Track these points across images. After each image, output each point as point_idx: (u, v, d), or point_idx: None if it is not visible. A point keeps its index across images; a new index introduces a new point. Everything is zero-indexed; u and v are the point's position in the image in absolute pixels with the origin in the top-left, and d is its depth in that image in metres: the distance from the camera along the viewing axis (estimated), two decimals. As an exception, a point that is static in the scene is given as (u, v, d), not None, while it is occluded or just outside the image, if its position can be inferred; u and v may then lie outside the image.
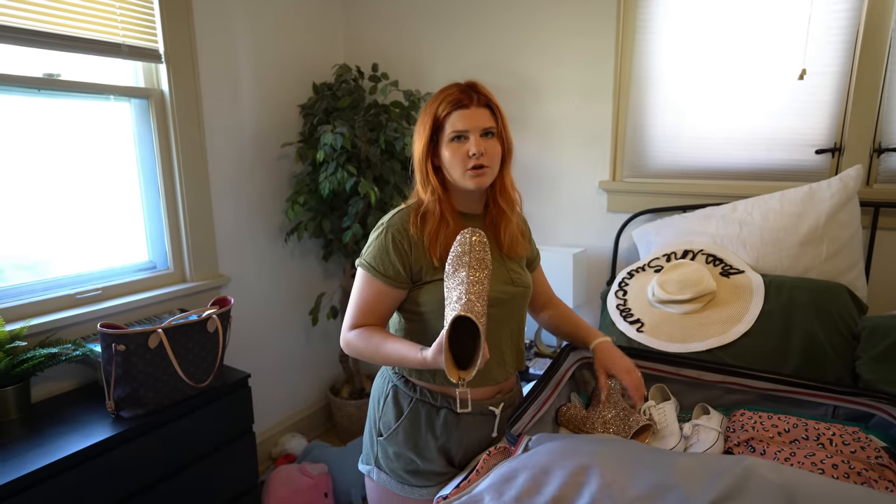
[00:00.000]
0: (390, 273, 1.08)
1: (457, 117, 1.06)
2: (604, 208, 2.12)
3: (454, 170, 1.08)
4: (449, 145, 1.07)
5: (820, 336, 1.37)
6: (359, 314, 1.11)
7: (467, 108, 1.07)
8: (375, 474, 1.19)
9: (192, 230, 1.96)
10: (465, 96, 1.08)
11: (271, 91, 2.24)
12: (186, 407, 1.54)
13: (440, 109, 1.08)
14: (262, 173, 2.26)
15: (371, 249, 1.11)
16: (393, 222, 1.10)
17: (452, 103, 1.07)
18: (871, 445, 1.02)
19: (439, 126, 1.08)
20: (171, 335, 1.45)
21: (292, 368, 2.51)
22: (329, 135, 2.04)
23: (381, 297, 1.10)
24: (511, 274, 1.16)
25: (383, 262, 1.08)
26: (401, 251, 1.08)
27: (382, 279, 1.09)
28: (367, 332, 1.09)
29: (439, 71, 2.37)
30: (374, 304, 1.11)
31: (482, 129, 1.07)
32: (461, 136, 1.07)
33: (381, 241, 1.09)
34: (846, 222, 1.56)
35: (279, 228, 2.36)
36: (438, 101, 1.09)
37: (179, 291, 1.91)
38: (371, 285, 1.10)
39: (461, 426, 1.14)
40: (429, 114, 1.10)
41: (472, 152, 1.05)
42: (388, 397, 1.17)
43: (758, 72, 1.77)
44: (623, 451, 0.71)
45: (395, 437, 1.15)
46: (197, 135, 1.93)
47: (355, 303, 1.12)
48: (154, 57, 1.79)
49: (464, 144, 1.06)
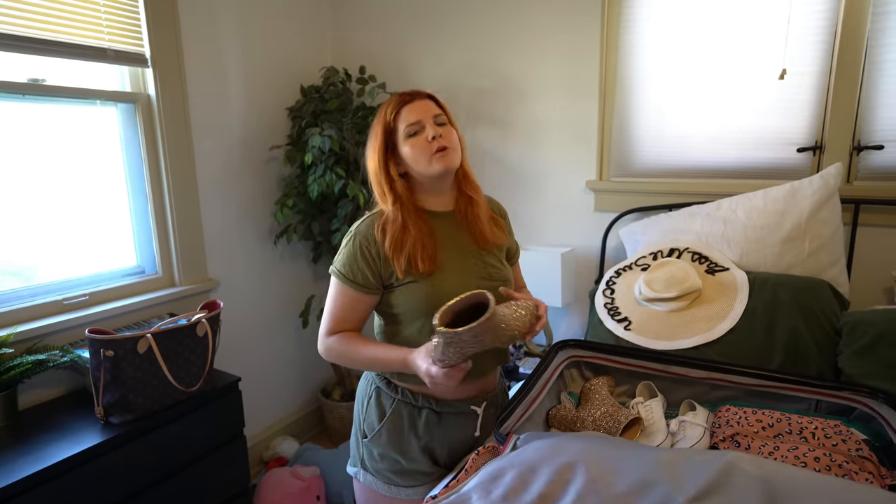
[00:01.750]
0: (359, 280, 1.10)
1: (406, 112, 1.09)
2: (591, 208, 2.14)
3: (419, 162, 1.09)
4: (408, 141, 1.09)
5: (803, 332, 1.39)
6: (334, 320, 1.13)
7: (413, 102, 1.10)
8: (362, 476, 1.20)
9: (180, 234, 1.95)
10: (407, 95, 1.12)
11: (259, 94, 2.24)
12: (176, 412, 1.53)
13: (388, 113, 1.11)
14: (251, 176, 2.25)
15: (341, 257, 1.12)
16: (360, 230, 1.12)
17: (398, 103, 1.11)
18: (851, 438, 1.04)
19: (392, 129, 1.11)
20: (160, 340, 1.45)
21: (283, 371, 2.50)
22: (317, 137, 2.04)
23: (353, 303, 1.12)
24: (488, 268, 1.16)
25: (353, 270, 1.10)
26: (368, 258, 1.09)
27: (353, 286, 1.10)
28: (345, 337, 1.12)
29: (426, 72, 2.38)
30: (348, 310, 1.12)
31: (433, 116, 1.10)
32: (416, 128, 1.09)
33: (350, 249, 1.11)
34: (827, 219, 1.59)
35: (268, 231, 2.36)
36: (384, 110, 1.12)
37: (168, 296, 1.91)
38: (343, 292, 1.12)
39: (443, 425, 1.15)
40: (378, 123, 1.13)
41: (430, 136, 1.07)
42: (371, 399, 1.18)
43: (740, 72, 1.80)
44: (608, 447, 0.72)
45: (378, 438, 1.16)
46: (184, 138, 1.93)
47: (330, 310, 1.13)
48: (140, 61, 1.78)
49: (421, 136, 1.09)
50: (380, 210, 1.14)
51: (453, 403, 1.15)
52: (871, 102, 1.64)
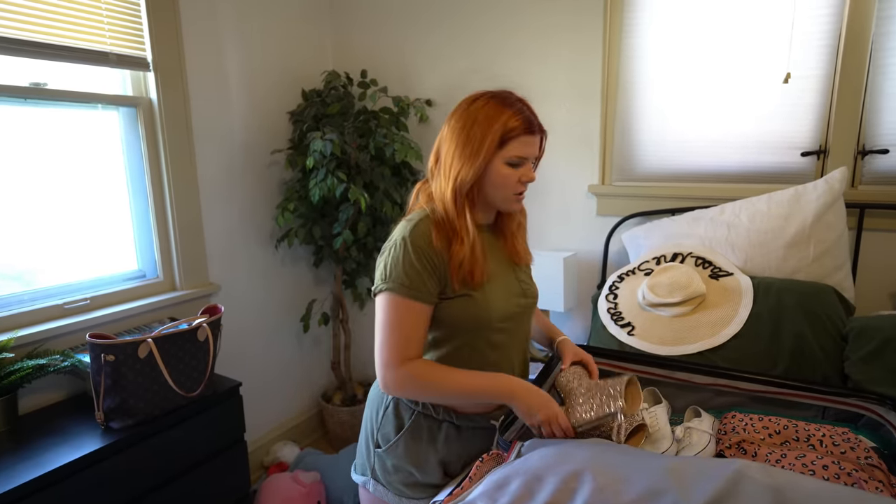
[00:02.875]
0: (424, 290, 1.00)
1: (523, 143, 1.02)
2: (593, 212, 2.14)
3: (499, 191, 1.04)
4: (504, 167, 1.02)
5: (809, 337, 1.38)
6: (402, 345, 1.00)
7: (533, 136, 1.04)
8: (372, 486, 1.17)
9: (181, 238, 1.95)
10: (533, 123, 1.04)
11: (261, 98, 2.24)
12: (177, 417, 1.52)
13: (510, 128, 1.01)
14: (252, 180, 2.25)
15: (396, 269, 1.00)
16: (414, 236, 1.01)
17: (524, 127, 1.02)
18: (860, 446, 1.03)
19: (502, 144, 1.02)
20: (160, 345, 1.44)
21: (284, 376, 2.49)
22: (319, 141, 2.04)
23: (419, 319, 1.01)
24: (522, 285, 1.15)
25: (413, 280, 0.99)
26: (429, 266, 1.01)
27: (417, 298, 1.00)
28: (425, 365, 1.01)
29: (427, 76, 2.38)
30: (415, 329, 1.01)
31: (535, 158, 1.07)
32: (519, 162, 1.03)
33: (406, 257, 1.00)
34: (832, 224, 1.58)
35: (269, 235, 2.35)
36: (502, 119, 1.01)
37: (169, 300, 1.90)
38: (407, 308, 1.00)
39: (462, 439, 1.13)
40: (494, 133, 1.01)
41: (525, 179, 1.04)
42: (389, 409, 1.14)
43: (744, 76, 1.80)
44: (615, 454, 0.71)
45: (394, 449, 1.12)
46: (186, 143, 1.92)
47: (393, 334, 1.00)
48: (142, 65, 1.78)
49: (518, 169, 1.03)
50: (424, 216, 1.05)
51: (474, 417, 1.12)
52: (876, 106, 1.63)
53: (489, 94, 1.05)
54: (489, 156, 1.01)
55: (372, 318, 2.74)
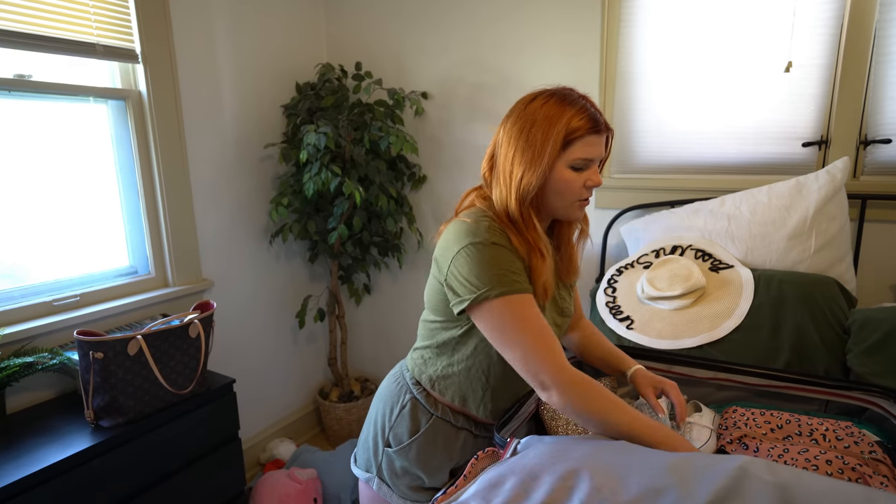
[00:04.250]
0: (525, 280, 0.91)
1: (588, 143, 0.92)
2: (591, 205, 2.11)
3: (563, 197, 0.95)
4: (567, 171, 0.93)
5: (810, 330, 1.36)
6: (551, 347, 0.87)
7: (600, 135, 0.94)
8: (376, 484, 1.13)
9: (173, 234, 1.92)
10: (598, 122, 0.93)
11: (253, 91, 2.20)
12: (169, 415, 1.50)
13: (574, 126, 0.91)
14: (245, 175, 2.21)
15: (491, 269, 0.89)
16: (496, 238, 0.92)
17: (589, 126, 0.92)
18: (864, 440, 1.00)
19: (566, 144, 0.92)
20: (151, 341, 1.41)
21: (280, 372, 2.47)
22: (312, 134, 2.00)
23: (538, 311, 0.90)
24: (562, 303, 1.09)
25: (518, 273, 0.90)
26: (517, 258, 0.92)
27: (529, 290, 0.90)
28: (594, 384, 0.87)
29: (424, 68, 2.35)
30: (544, 321, 0.90)
31: (600, 160, 0.97)
32: (584, 165, 0.93)
33: (502, 256, 0.90)
34: (834, 215, 1.55)
35: (264, 230, 2.33)
36: (565, 118, 0.91)
37: (161, 296, 1.87)
38: (531, 303, 0.89)
39: (477, 447, 1.10)
40: (556, 134, 0.91)
41: (591, 184, 0.94)
42: (406, 409, 1.08)
43: (744, 65, 1.77)
44: (613, 452, 0.69)
45: (406, 452, 1.08)
46: (177, 136, 1.89)
47: (537, 334, 0.87)
48: (130, 57, 1.74)
49: (582, 174, 0.94)
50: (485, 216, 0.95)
51: (492, 428, 1.09)
52: (879, 95, 1.61)
53: (548, 93, 0.96)
54: (552, 160, 0.92)
55: (369, 313, 2.71)
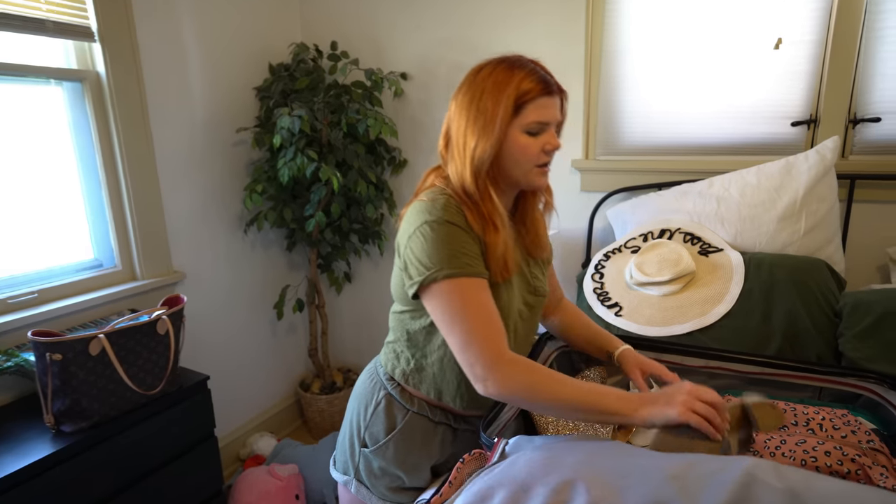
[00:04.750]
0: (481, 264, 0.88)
1: (541, 106, 0.88)
2: (577, 188, 2.06)
3: (521, 165, 0.91)
4: (522, 136, 0.89)
5: (802, 313, 1.33)
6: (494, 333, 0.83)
7: (552, 97, 0.90)
8: (354, 487, 1.08)
9: (140, 224, 1.81)
10: (548, 83, 0.89)
11: (223, 73, 2.09)
12: (137, 416, 1.42)
13: (521, 92, 0.87)
14: (217, 161, 2.11)
15: (443, 250, 0.85)
16: (451, 216, 0.88)
17: (540, 87, 0.88)
18: (861, 428, 0.98)
19: (517, 109, 0.88)
20: (114, 340, 1.33)
21: (258, 365, 2.39)
22: (286, 118, 1.91)
23: (490, 297, 0.87)
24: (534, 281, 1.04)
25: (470, 256, 0.86)
26: (471, 239, 0.88)
27: (481, 274, 0.87)
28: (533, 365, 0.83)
29: (402, 47, 2.25)
30: (493, 309, 0.86)
31: (557, 122, 0.93)
32: (539, 129, 0.89)
33: (453, 236, 0.87)
34: (824, 195, 1.52)
35: (238, 219, 2.23)
36: (514, 82, 0.88)
37: (129, 291, 1.78)
38: (479, 288, 0.85)
39: (457, 443, 1.05)
40: (507, 98, 0.87)
41: (549, 147, 0.90)
42: (380, 406, 1.03)
43: (733, 43, 1.71)
44: (609, 458, 0.64)
45: (383, 451, 1.03)
46: (140, 120, 1.78)
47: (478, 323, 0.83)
48: (86, 35, 1.62)
49: (539, 138, 0.90)
50: (443, 195, 0.91)
51: (472, 420, 1.04)
52: (869, 72, 1.57)
53: (497, 60, 0.93)
54: (505, 125, 0.88)
55: (350, 302, 2.64)
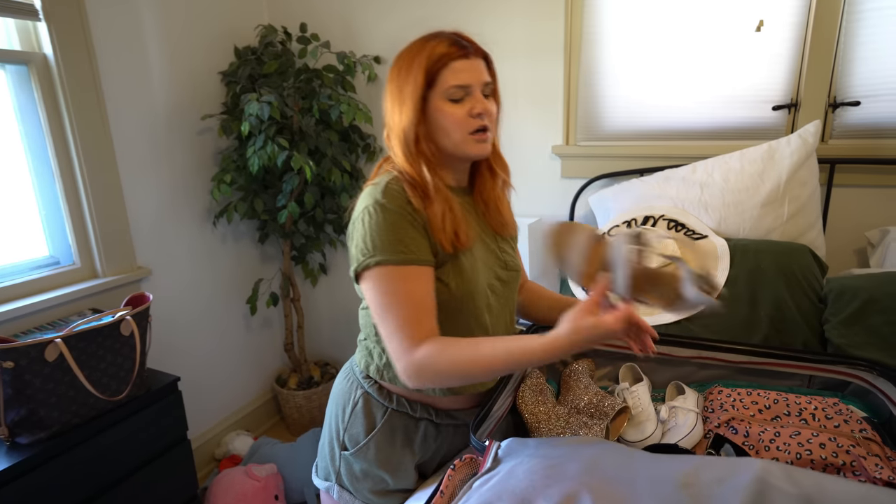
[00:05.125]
0: (423, 249, 0.85)
1: (457, 69, 0.87)
2: (557, 174, 2.02)
3: (450, 135, 0.89)
4: (446, 105, 0.88)
5: (787, 300, 1.32)
6: (415, 323, 0.82)
7: (467, 59, 0.88)
8: (336, 492, 1.04)
9: (99, 218, 1.70)
10: (461, 46, 0.88)
11: (185, 56, 1.97)
12: (102, 423, 1.34)
13: (434, 59, 0.87)
14: (182, 150, 2.00)
15: (380, 237, 0.84)
16: (391, 197, 0.86)
17: (453, 50, 0.87)
18: (852, 417, 0.96)
19: (432, 80, 0.88)
20: (73, 344, 1.24)
21: (232, 362, 2.31)
22: (254, 104, 1.81)
23: (425, 286, 0.84)
24: (504, 256, 1.01)
25: (408, 241, 0.84)
26: (416, 224, 0.86)
27: (417, 262, 0.84)
28: (445, 342, 0.82)
29: (375, 30, 2.16)
30: (424, 299, 0.84)
31: (483, 84, 0.90)
32: (462, 94, 0.88)
33: (390, 220, 0.84)
34: (806, 180, 1.51)
35: (206, 211, 2.12)
36: (426, 50, 0.88)
37: (90, 289, 1.67)
38: (409, 277, 0.83)
39: (440, 439, 1.01)
40: (417, 66, 0.88)
41: (476, 111, 0.88)
42: (358, 406, 1.00)
43: (715, 25, 1.68)
44: (613, 465, 0.60)
45: (364, 452, 0.99)
46: (95, 107, 1.66)
47: (401, 312, 0.82)
48: (28, 12, 1.49)
49: (464, 104, 0.88)
50: (392, 176, 0.90)
51: (455, 414, 1.00)
52: (849, 56, 1.56)
53: (416, 39, 0.94)
54: (419, 92, 0.88)
55: (326, 294, 2.57)
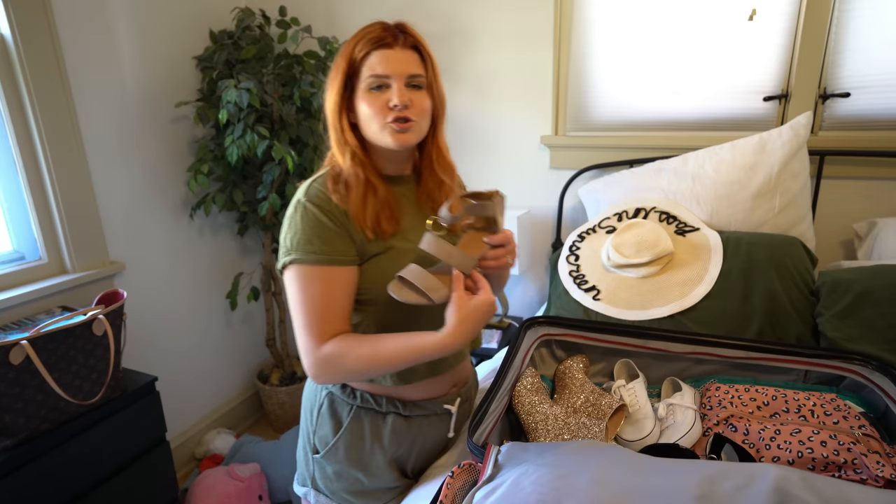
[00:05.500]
0: (338, 249, 0.86)
1: (377, 59, 0.87)
2: (546, 165, 1.98)
3: (371, 125, 0.88)
4: (366, 94, 0.88)
5: (780, 293, 1.31)
6: (322, 323, 0.84)
7: (390, 49, 0.87)
8: (313, 497, 1.01)
9: (67, 210, 1.61)
10: (388, 34, 0.88)
11: (157, 39, 1.87)
12: (74, 428, 1.27)
13: (357, 50, 0.88)
14: (155, 138, 1.91)
15: (297, 236, 0.86)
16: (311, 194, 0.89)
17: (372, 42, 0.87)
18: (851, 413, 0.96)
19: (355, 71, 0.89)
20: (41, 346, 1.16)
21: (212, 359, 2.23)
22: (232, 91, 1.73)
23: (338, 287, 0.86)
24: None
25: (322, 241, 0.85)
26: (336, 220, 0.87)
27: (331, 262, 0.85)
28: (350, 339, 0.85)
29: (358, 13, 2.09)
30: (336, 300, 0.86)
31: (407, 77, 0.87)
32: (382, 83, 0.87)
33: (307, 219, 0.86)
34: (797, 172, 1.50)
35: (182, 203, 2.04)
36: (355, 40, 0.89)
37: (59, 285, 1.58)
38: (322, 278, 0.85)
39: (413, 431, 0.99)
40: (343, 56, 0.90)
41: (393, 103, 0.86)
42: (323, 407, 0.98)
43: (707, 15, 1.65)
44: (624, 477, 0.57)
45: (334, 453, 0.97)
46: (60, 92, 1.56)
47: (311, 311, 0.85)
48: (-13, -10, 1.39)
49: (384, 94, 0.87)
50: (324, 173, 0.92)
51: (423, 404, 0.98)
52: (840, 47, 1.55)
53: None
54: (342, 80, 0.89)
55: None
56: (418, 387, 0.97)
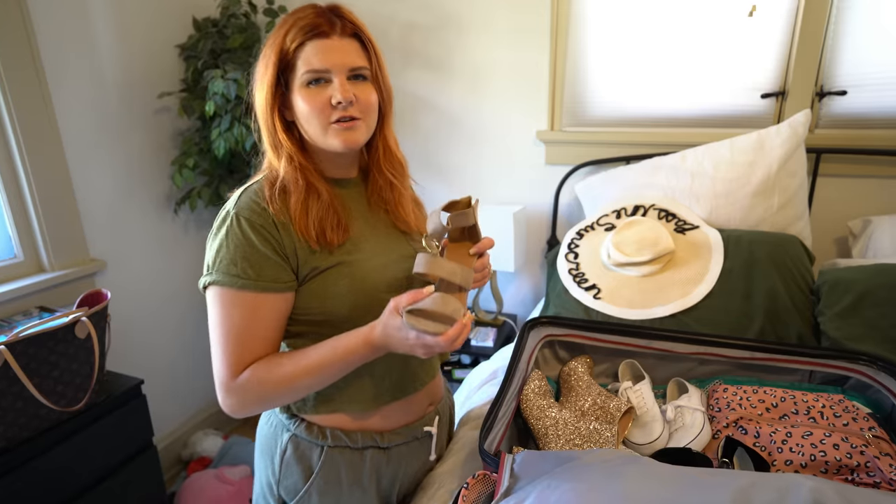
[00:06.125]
0: (265, 274, 0.75)
1: (313, 51, 0.76)
2: (542, 161, 1.95)
3: (311, 124, 0.79)
4: (303, 91, 0.77)
5: (781, 292, 1.31)
6: (240, 352, 0.75)
7: (327, 38, 0.77)
8: None
9: (44, 205, 1.54)
10: (323, 20, 0.77)
11: (137, 26, 1.79)
12: (58, 435, 1.21)
13: (289, 40, 0.77)
14: (136, 131, 1.83)
15: (223, 255, 0.75)
16: (242, 206, 0.77)
17: (306, 31, 0.76)
18: (859, 414, 0.95)
19: (288, 64, 0.78)
20: (20, 351, 1.10)
21: (198, 358, 2.17)
22: (219, 82, 1.67)
23: (262, 314, 0.76)
24: (416, 245, 0.91)
25: (249, 264, 0.75)
26: (269, 238, 0.76)
27: (256, 288, 0.75)
28: (265, 363, 0.76)
29: (347, 4, 2.02)
30: (258, 329, 0.76)
31: (350, 69, 0.78)
32: (320, 77, 0.77)
33: (234, 237, 0.76)
34: (795, 170, 1.50)
35: (166, 197, 1.97)
36: (286, 28, 0.78)
37: (36, 285, 1.52)
38: (242, 304, 0.75)
39: (393, 463, 0.91)
40: (273, 47, 0.78)
41: (336, 100, 0.76)
42: (287, 453, 0.87)
43: (705, 11, 1.64)
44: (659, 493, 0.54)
45: (306, 501, 0.86)
46: (35, 81, 1.48)
47: (226, 339, 0.75)
48: (-44, -28, 1.31)
49: (324, 89, 0.77)
50: (260, 179, 0.82)
51: (400, 431, 0.90)
52: (838, 44, 1.54)
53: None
54: (272, 74, 0.78)
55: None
56: (394, 412, 0.89)
